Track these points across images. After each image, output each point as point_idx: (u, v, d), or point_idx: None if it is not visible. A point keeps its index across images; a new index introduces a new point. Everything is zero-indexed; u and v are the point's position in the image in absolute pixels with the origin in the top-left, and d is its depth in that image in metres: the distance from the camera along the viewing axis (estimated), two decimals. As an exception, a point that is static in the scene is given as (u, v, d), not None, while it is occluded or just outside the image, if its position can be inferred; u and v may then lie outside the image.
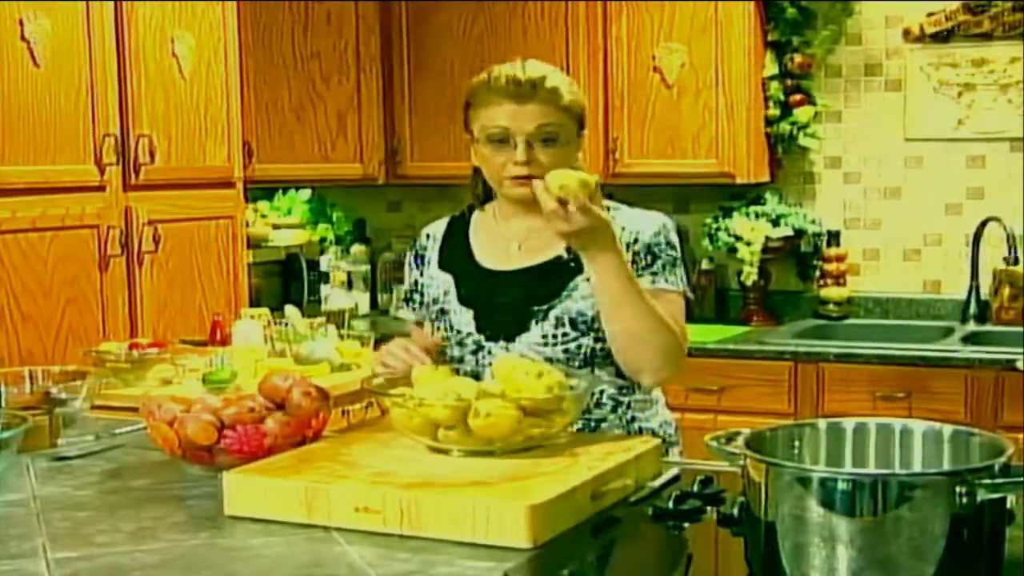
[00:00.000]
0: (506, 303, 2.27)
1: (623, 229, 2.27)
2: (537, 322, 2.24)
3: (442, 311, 2.33)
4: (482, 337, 2.28)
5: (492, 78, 2.24)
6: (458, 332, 2.31)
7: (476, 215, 2.41)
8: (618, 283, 2.13)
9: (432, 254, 2.40)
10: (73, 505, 1.91)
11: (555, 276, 2.25)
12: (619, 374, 2.26)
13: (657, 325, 2.18)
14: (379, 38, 4.68)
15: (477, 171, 2.35)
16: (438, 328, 2.33)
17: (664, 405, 2.39)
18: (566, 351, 2.23)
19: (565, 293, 2.24)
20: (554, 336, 2.23)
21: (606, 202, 2.34)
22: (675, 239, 2.31)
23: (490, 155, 2.25)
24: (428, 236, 2.44)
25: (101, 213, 3.51)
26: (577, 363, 2.23)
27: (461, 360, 2.30)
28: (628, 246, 2.25)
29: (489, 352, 2.26)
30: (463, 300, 2.31)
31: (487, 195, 2.38)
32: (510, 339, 2.25)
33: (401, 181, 4.80)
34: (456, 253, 2.38)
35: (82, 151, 3.45)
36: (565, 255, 2.26)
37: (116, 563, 1.62)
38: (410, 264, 2.46)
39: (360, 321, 4.51)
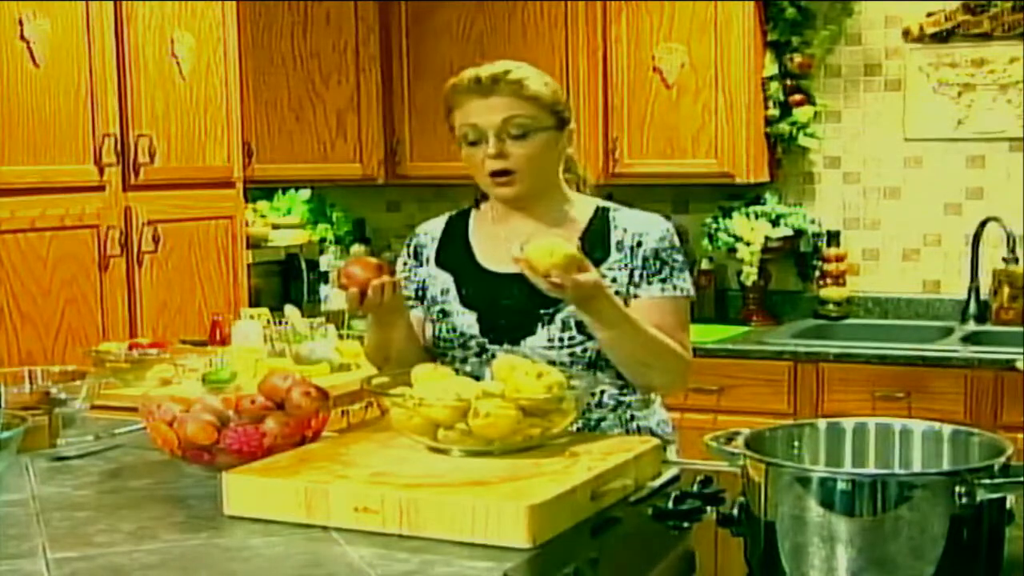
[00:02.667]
0: (511, 306, 2.25)
1: (625, 231, 2.26)
2: (543, 325, 2.23)
3: (444, 312, 2.31)
4: (486, 340, 2.26)
5: (459, 79, 2.24)
6: (461, 334, 2.29)
7: (474, 214, 2.39)
8: (617, 329, 2.14)
9: (430, 251, 2.38)
10: (72, 505, 1.90)
11: None
12: (619, 375, 2.26)
13: (661, 350, 2.19)
14: (379, 38, 4.68)
15: None
16: (439, 330, 2.32)
17: (661, 404, 2.39)
18: (571, 355, 2.22)
19: (570, 296, 2.22)
20: (560, 340, 2.22)
21: (605, 203, 2.33)
22: (678, 242, 2.30)
23: (469, 155, 2.25)
24: (425, 234, 2.42)
25: (101, 213, 3.50)
26: (581, 366, 2.22)
27: (464, 362, 2.28)
28: (631, 249, 2.25)
29: (492, 355, 2.23)
30: (465, 302, 2.30)
31: (485, 194, 2.37)
32: (515, 342, 2.23)
33: (400, 181, 4.80)
34: (455, 252, 2.36)
35: (82, 151, 3.44)
36: None
37: (115, 563, 1.62)
38: (408, 259, 2.41)
39: (360, 321, 4.50)
